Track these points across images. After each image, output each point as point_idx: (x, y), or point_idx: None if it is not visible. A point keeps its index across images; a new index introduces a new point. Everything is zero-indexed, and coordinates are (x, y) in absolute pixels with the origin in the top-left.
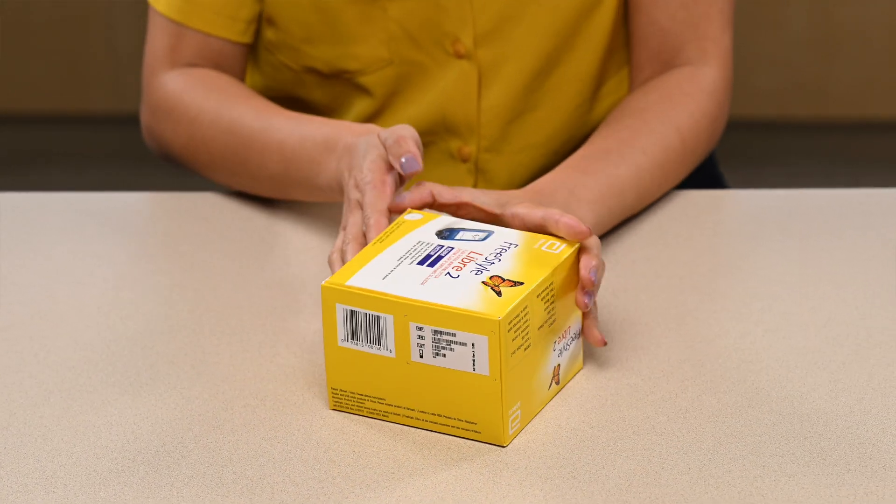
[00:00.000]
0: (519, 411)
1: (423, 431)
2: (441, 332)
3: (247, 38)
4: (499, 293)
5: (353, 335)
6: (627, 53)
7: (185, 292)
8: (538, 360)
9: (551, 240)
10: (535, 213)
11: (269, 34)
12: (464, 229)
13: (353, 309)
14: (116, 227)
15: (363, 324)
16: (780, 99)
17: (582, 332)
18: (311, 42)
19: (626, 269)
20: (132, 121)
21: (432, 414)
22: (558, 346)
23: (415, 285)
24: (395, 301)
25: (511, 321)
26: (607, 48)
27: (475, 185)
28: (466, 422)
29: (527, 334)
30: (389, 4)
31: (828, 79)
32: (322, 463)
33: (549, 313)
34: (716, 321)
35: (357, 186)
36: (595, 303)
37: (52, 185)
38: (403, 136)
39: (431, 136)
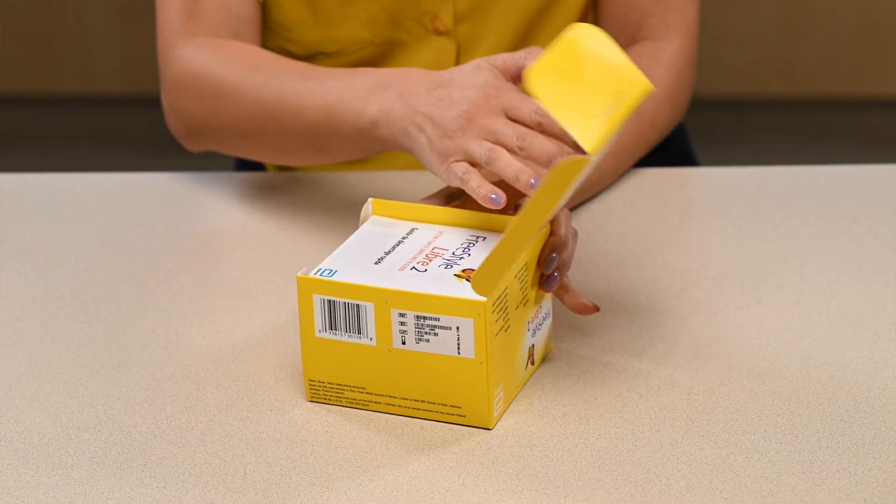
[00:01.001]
0: (502, 393)
1: (397, 415)
2: (424, 318)
3: None
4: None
5: (332, 325)
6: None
7: (156, 273)
8: (516, 341)
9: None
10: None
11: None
12: None
13: (332, 299)
14: (87, 208)
15: (342, 313)
16: (750, 76)
17: (571, 308)
18: (289, 27)
19: (597, 246)
20: (102, 102)
21: (415, 400)
22: (532, 326)
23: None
24: (375, 289)
25: (494, 302)
26: (580, 21)
27: None
28: (451, 406)
29: (506, 315)
30: None
31: (797, 56)
32: (295, 444)
33: (523, 293)
34: (687, 298)
35: (487, 68)
36: (568, 278)
37: (21, 167)
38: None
39: None
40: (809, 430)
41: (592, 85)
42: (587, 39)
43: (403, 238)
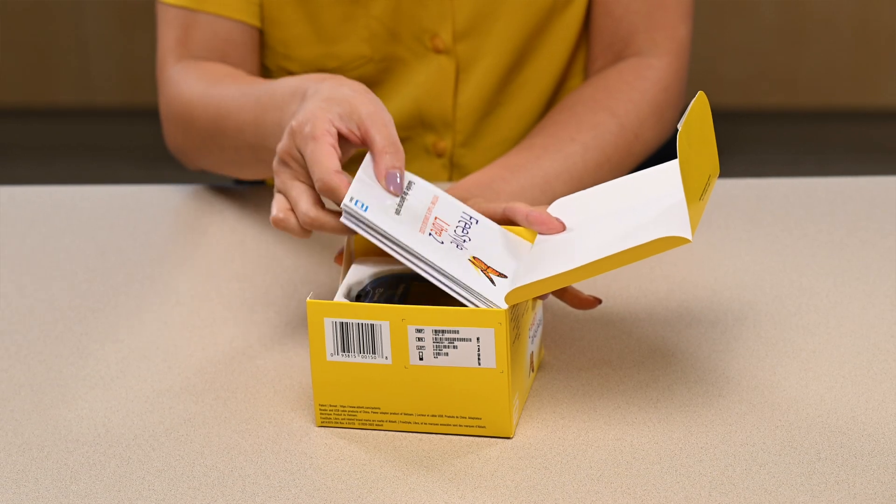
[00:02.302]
0: (517, 401)
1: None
2: (442, 331)
3: (258, 21)
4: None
5: (344, 347)
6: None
7: (154, 285)
8: (523, 348)
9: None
10: (495, 207)
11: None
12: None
13: (344, 321)
14: (85, 220)
15: (355, 334)
16: (748, 87)
17: (573, 305)
18: (289, 44)
19: None
20: (99, 114)
21: (433, 416)
22: (531, 333)
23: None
24: (390, 307)
25: (511, 310)
26: (576, 43)
27: (450, 180)
28: (470, 418)
29: (518, 324)
30: (372, 3)
31: (795, 67)
32: (294, 455)
33: (526, 301)
34: (685, 310)
35: (294, 133)
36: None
37: (18, 179)
38: (396, 144)
39: (407, 130)
40: (808, 442)
41: (701, 163)
42: (706, 108)
43: (406, 189)
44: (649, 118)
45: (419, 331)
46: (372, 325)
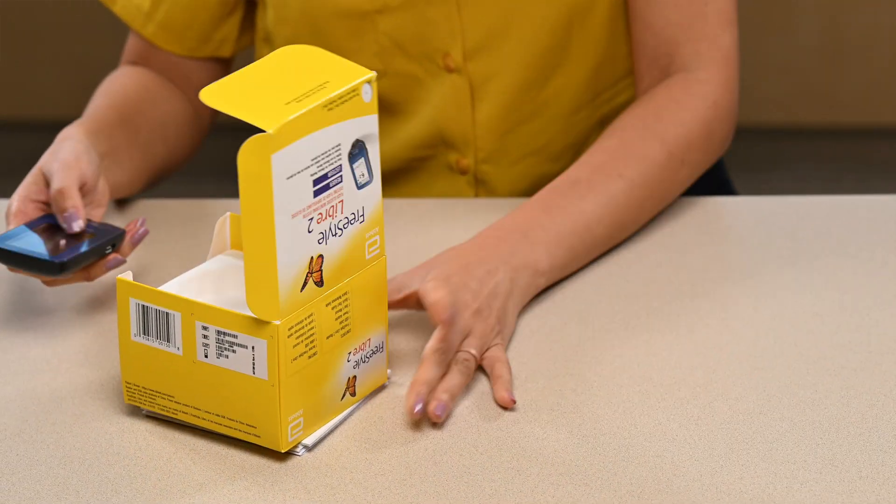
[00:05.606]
0: (301, 419)
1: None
2: (224, 333)
3: (224, 52)
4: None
5: (145, 330)
6: (629, 61)
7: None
8: (327, 369)
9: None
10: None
11: (264, 51)
12: None
13: (145, 304)
14: None
15: (153, 319)
16: (789, 105)
17: (492, 393)
18: None
19: (636, 275)
20: None
21: (216, 415)
22: (354, 358)
23: None
24: (183, 299)
25: (292, 327)
26: (601, 57)
27: (475, 196)
28: (247, 425)
29: (312, 342)
30: (379, 18)
31: (836, 85)
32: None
33: (341, 323)
34: (726, 328)
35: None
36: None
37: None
38: (63, 189)
39: (430, 149)
40: (849, 461)
41: (292, 85)
42: (296, 55)
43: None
44: (698, 139)
45: (205, 328)
46: (167, 314)
